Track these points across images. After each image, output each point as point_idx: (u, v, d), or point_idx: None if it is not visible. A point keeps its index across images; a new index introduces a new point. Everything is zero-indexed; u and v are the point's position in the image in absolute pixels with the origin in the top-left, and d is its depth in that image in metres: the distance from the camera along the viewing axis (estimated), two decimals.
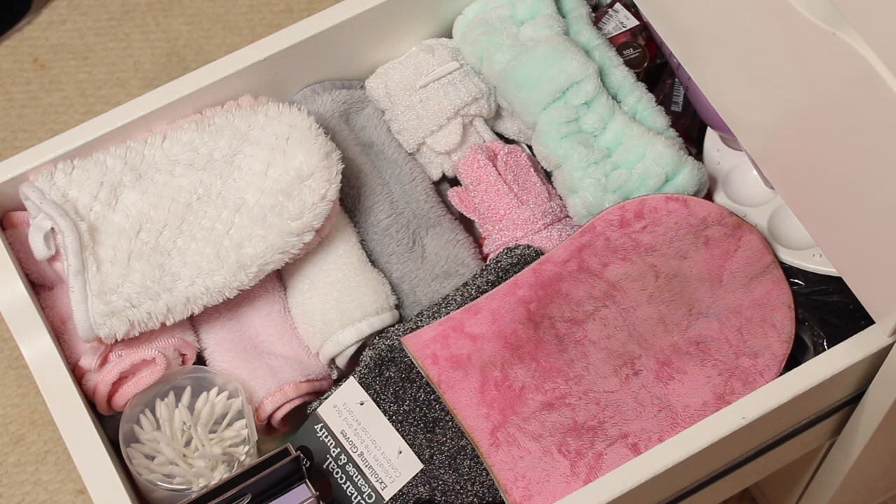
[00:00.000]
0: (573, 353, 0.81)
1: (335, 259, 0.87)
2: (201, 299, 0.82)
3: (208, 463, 0.80)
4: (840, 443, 0.88)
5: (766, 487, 1.11)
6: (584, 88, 0.87)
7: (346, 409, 0.82)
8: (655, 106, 0.90)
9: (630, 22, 0.95)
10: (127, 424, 0.81)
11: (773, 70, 0.69)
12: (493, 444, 0.78)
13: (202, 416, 0.82)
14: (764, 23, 0.68)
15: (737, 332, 0.81)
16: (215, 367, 0.85)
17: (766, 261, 0.83)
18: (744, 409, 0.76)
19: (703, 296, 0.82)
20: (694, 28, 0.78)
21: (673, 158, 0.85)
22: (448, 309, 0.84)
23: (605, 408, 0.79)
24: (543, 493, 0.77)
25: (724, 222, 0.84)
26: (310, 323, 0.86)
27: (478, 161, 0.88)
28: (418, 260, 0.88)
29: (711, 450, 0.76)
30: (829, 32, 0.62)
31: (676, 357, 0.80)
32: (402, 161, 0.92)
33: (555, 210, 0.88)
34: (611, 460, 0.77)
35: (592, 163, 0.86)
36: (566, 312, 0.82)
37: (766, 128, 0.74)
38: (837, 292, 0.82)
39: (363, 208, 0.90)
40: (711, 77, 0.78)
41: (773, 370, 0.80)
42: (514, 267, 0.84)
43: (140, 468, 0.80)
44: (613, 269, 0.83)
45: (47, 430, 1.25)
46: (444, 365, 0.80)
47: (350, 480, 0.80)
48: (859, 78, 0.61)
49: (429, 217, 0.90)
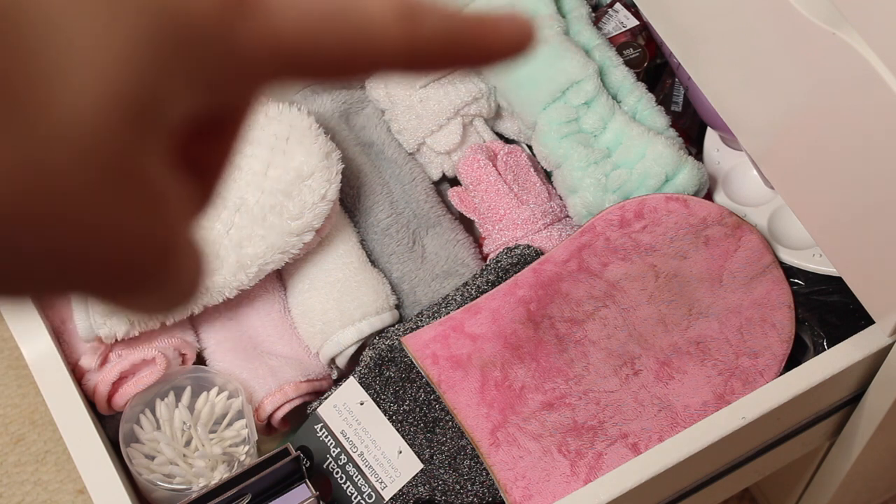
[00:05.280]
0: (573, 353, 0.81)
1: (335, 259, 0.87)
2: (201, 299, 0.82)
3: (208, 463, 0.80)
4: (840, 443, 0.88)
5: (766, 487, 1.11)
6: (584, 88, 0.87)
7: (346, 409, 0.82)
8: (655, 106, 0.90)
9: (630, 22, 0.95)
10: (127, 424, 0.81)
11: (773, 70, 0.69)
12: (493, 444, 0.78)
13: (202, 416, 0.82)
14: (764, 23, 0.68)
15: (737, 332, 0.81)
16: (215, 367, 0.85)
17: (766, 261, 0.83)
18: (744, 409, 0.76)
19: (703, 296, 0.82)
20: (694, 28, 0.78)
21: (673, 158, 0.85)
22: (448, 309, 0.84)
23: (605, 408, 0.79)
24: (543, 492, 0.77)
25: (724, 222, 0.84)
26: (310, 323, 0.86)
27: (478, 161, 0.88)
28: (418, 260, 0.88)
29: (711, 450, 0.75)
30: (829, 32, 0.62)
31: (676, 357, 0.80)
32: (402, 161, 0.92)
33: (555, 210, 0.88)
34: (611, 460, 0.77)
35: (592, 163, 0.86)
36: (566, 312, 0.82)
37: (766, 128, 0.74)
38: (837, 292, 0.82)
39: (363, 208, 0.90)
40: (711, 77, 0.78)
41: (773, 370, 0.80)
42: (514, 267, 0.84)
43: (140, 468, 0.80)
44: (613, 269, 0.83)
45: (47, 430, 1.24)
46: (444, 365, 0.80)
47: (350, 480, 0.80)
48: (859, 78, 0.61)
49: (429, 217, 0.90)
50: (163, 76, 0.24)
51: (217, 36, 0.25)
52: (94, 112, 0.23)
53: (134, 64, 0.24)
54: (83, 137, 0.23)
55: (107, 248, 0.24)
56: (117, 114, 0.23)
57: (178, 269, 0.26)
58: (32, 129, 0.22)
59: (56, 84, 0.23)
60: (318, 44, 0.27)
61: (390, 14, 0.27)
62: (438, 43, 0.28)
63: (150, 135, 0.24)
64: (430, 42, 0.28)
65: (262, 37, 0.26)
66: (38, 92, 0.23)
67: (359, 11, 0.27)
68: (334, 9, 0.27)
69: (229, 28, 0.25)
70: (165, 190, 0.25)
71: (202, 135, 0.28)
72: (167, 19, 0.24)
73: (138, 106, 0.24)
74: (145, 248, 0.25)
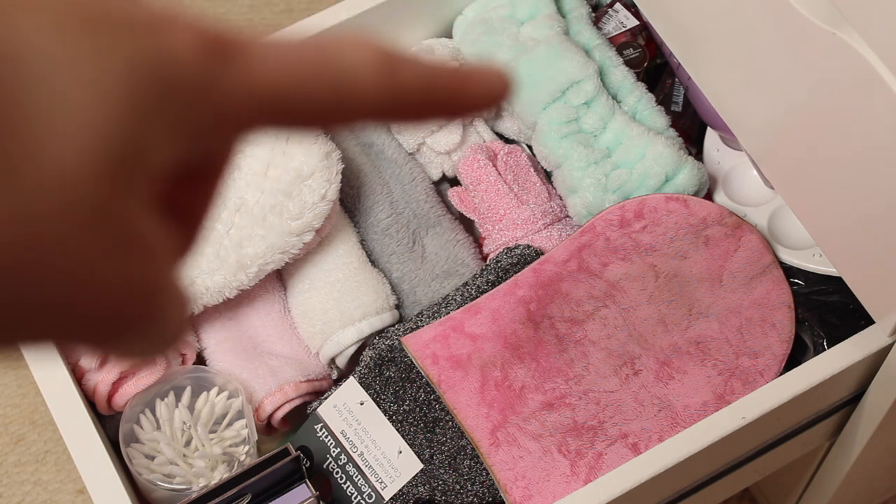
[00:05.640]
0: (573, 352, 0.81)
1: (335, 259, 0.87)
2: (201, 299, 0.82)
3: (208, 463, 0.80)
4: (840, 443, 0.88)
5: (766, 487, 1.11)
6: (584, 88, 0.87)
7: (346, 409, 0.82)
8: (655, 106, 0.90)
9: (630, 22, 0.95)
10: (127, 424, 0.81)
11: (773, 70, 0.69)
12: (493, 444, 0.78)
13: (202, 416, 0.82)
14: (764, 23, 0.68)
15: (737, 332, 0.81)
16: (215, 367, 0.85)
17: (766, 261, 0.83)
18: (744, 409, 0.76)
19: (703, 296, 0.82)
20: (694, 28, 0.78)
21: (673, 158, 0.85)
22: (448, 309, 0.84)
23: (605, 408, 0.79)
24: (543, 493, 0.76)
25: (724, 222, 0.84)
26: (310, 323, 0.86)
27: (478, 161, 0.88)
28: (418, 260, 0.88)
29: (711, 450, 0.75)
30: (829, 32, 0.62)
31: (676, 357, 0.80)
32: (402, 161, 0.92)
33: (555, 210, 0.88)
34: (611, 460, 0.77)
35: (592, 163, 0.86)
36: (566, 312, 0.82)
37: (765, 128, 0.74)
38: (837, 292, 0.82)
39: (363, 208, 0.90)
40: (711, 77, 0.78)
41: (773, 370, 0.80)
42: (514, 267, 0.84)
43: (140, 468, 0.80)
44: (613, 269, 0.83)
45: (47, 430, 1.24)
46: (444, 365, 0.80)
47: (350, 480, 0.80)
48: (859, 78, 0.61)
49: (429, 217, 0.90)
50: (147, 126, 0.25)
51: (200, 85, 0.26)
52: (78, 163, 0.23)
53: (118, 115, 0.24)
54: (67, 188, 0.23)
55: (92, 297, 0.24)
56: (101, 165, 0.24)
57: (162, 314, 0.26)
58: (17, 180, 0.23)
59: (41, 135, 0.23)
60: (299, 92, 0.27)
61: (370, 64, 0.28)
62: (417, 94, 0.28)
63: (134, 184, 0.25)
64: (408, 93, 0.28)
65: (244, 85, 0.26)
66: (24, 143, 0.23)
67: (339, 61, 0.27)
68: (315, 58, 0.27)
69: (212, 77, 0.26)
70: (149, 237, 0.25)
71: (185, 180, 0.28)
72: (152, 70, 0.25)
73: (122, 156, 0.24)
74: (130, 296, 0.25)
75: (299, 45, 0.27)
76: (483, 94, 0.29)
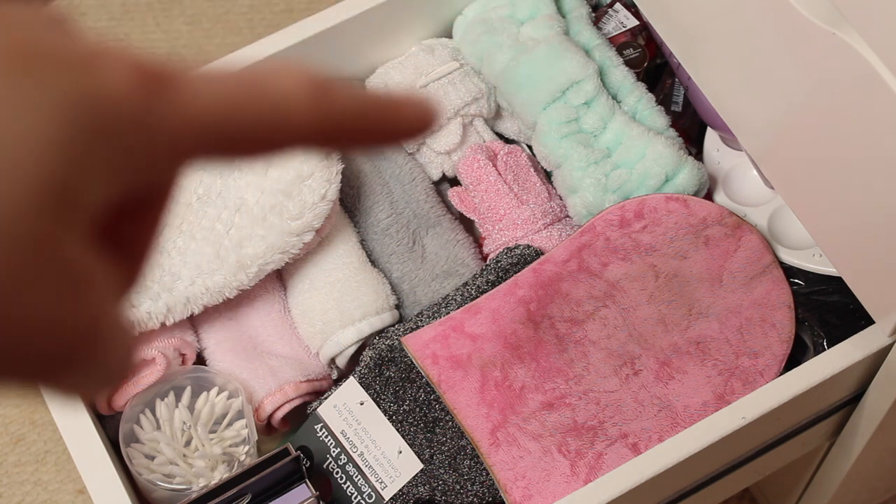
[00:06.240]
0: (573, 353, 0.81)
1: (335, 259, 0.87)
2: (201, 299, 0.82)
3: (208, 463, 0.80)
4: (840, 443, 0.88)
5: (766, 487, 1.11)
6: (584, 88, 0.87)
7: (346, 409, 0.82)
8: (655, 106, 0.90)
9: (630, 22, 0.95)
10: (127, 424, 0.81)
11: (773, 70, 0.69)
12: (493, 444, 0.78)
13: (202, 416, 0.82)
14: (764, 23, 0.68)
15: (737, 332, 0.81)
16: (215, 367, 0.85)
17: (766, 261, 0.83)
18: (744, 409, 0.76)
19: (703, 296, 0.82)
20: (694, 28, 0.78)
21: (673, 158, 0.85)
22: (448, 309, 0.84)
23: (605, 408, 0.79)
24: (543, 493, 0.77)
25: (724, 222, 0.84)
26: (310, 323, 0.86)
27: (478, 161, 0.88)
28: (418, 260, 0.88)
29: (711, 450, 0.75)
30: (829, 32, 0.62)
31: (676, 357, 0.80)
32: (402, 161, 0.92)
33: (555, 210, 0.88)
34: (611, 460, 0.77)
35: (592, 163, 0.86)
36: (566, 312, 0.82)
37: (766, 128, 0.74)
38: (837, 292, 0.82)
39: (363, 208, 0.90)
40: (711, 77, 0.78)
41: (773, 370, 0.80)
42: (514, 267, 0.84)
43: (140, 468, 0.80)
44: (613, 269, 0.83)
45: (47, 430, 1.24)
46: (444, 365, 0.80)
47: (350, 480, 0.80)
48: (859, 78, 0.61)
49: (429, 217, 0.90)
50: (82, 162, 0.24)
51: (135, 119, 0.26)
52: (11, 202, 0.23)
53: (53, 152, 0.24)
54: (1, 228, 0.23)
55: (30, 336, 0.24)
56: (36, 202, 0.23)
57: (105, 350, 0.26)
58: None
59: None
60: (234, 121, 0.27)
61: (302, 92, 0.28)
62: (348, 120, 0.29)
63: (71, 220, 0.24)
64: (340, 118, 0.29)
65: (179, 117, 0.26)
66: None
67: (272, 89, 0.28)
68: (248, 88, 0.27)
69: (147, 110, 0.26)
70: (88, 273, 0.25)
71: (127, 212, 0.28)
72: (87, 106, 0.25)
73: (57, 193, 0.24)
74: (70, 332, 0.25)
75: (233, 75, 0.27)
76: (412, 121, 0.30)
